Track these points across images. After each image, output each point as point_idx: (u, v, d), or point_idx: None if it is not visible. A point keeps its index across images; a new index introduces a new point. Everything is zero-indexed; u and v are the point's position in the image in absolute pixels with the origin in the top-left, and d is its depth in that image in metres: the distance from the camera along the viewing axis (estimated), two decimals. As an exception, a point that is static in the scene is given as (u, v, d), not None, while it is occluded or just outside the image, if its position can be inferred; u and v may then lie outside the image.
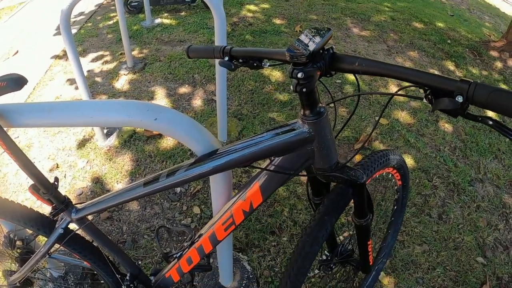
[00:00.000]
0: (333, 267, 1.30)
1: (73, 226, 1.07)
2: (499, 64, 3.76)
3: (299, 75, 0.72)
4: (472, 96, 0.57)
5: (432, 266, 1.90)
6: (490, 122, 0.59)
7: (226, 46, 0.94)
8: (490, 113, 2.69)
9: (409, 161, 2.44)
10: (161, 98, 2.84)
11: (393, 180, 1.38)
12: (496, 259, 1.97)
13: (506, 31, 4.14)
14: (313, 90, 0.77)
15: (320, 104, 0.82)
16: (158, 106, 0.85)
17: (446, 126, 2.79)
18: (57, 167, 2.28)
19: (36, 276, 1.57)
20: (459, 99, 0.59)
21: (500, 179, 2.43)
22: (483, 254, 1.99)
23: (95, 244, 1.23)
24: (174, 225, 1.99)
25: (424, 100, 0.66)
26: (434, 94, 0.64)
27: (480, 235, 2.08)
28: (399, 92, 0.77)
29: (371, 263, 1.30)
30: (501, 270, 1.92)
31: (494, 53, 3.92)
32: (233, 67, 0.92)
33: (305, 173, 0.97)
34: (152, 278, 1.32)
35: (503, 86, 3.04)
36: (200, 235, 1.06)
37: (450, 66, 3.60)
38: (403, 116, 2.82)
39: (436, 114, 2.88)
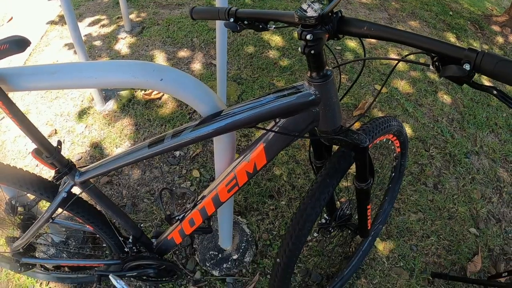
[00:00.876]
0: (332, 230, 1.33)
1: (76, 190, 1.08)
2: (500, 39, 3.73)
3: (308, 36, 0.72)
4: (480, 65, 0.57)
5: (426, 234, 1.95)
6: (495, 92, 0.60)
7: (231, 7, 0.92)
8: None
9: (407, 130, 2.46)
10: (160, 62, 2.81)
11: (393, 147, 1.40)
12: (489, 231, 2.02)
13: (508, 6, 4.08)
14: (320, 52, 0.77)
15: (327, 67, 0.81)
16: (164, 66, 0.85)
17: (445, 97, 2.80)
18: (56, 132, 2.27)
19: (38, 242, 1.60)
20: (467, 67, 0.59)
21: (496, 153, 2.45)
22: (476, 226, 2.03)
23: (97, 207, 1.24)
24: (175, 188, 2.01)
25: (431, 67, 0.66)
26: (441, 61, 0.64)
27: (474, 206, 2.12)
28: (406, 58, 0.76)
29: (369, 228, 1.33)
30: (493, 242, 1.97)
31: (495, 28, 3.88)
32: (238, 28, 0.91)
33: (309, 136, 0.98)
34: (154, 240, 1.35)
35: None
36: (203, 197, 1.07)
37: (451, 38, 3.56)
38: (402, 85, 2.82)
39: (435, 85, 2.87)
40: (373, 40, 3.23)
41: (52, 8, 3.53)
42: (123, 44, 2.97)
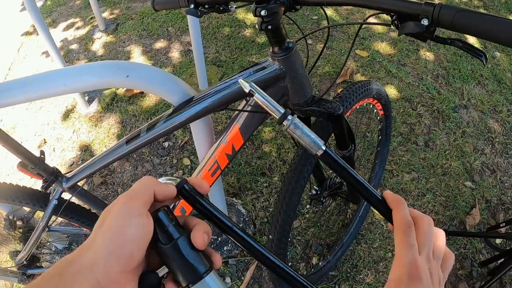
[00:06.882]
0: (324, 200, 1.34)
1: (66, 196, 1.09)
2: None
3: (262, 12, 0.71)
4: (438, 18, 0.56)
5: (422, 193, 1.96)
6: (460, 44, 0.58)
7: (190, -7, 0.91)
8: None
9: (392, 91, 2.46)
10: (138, 56, 2.79)
11: (375, 110, 1.40)
12: (484, 183, 2.03)
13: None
14: (278, 26, 0.76)
15: (288, 40, 0.81)
16: (129, 63, 0.85)
17: (428, 54, 2.78)
18: (45, 142, 2.27)
19: (41, 252, 1.61)
20: (425, 22, 0.57)
21: (484, 105, 2.45)
22: (471, 179, 2.05)
23: (91, 209, 1.25)
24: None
25: (392, 26, 0.66)
26: (400, 19, 0.62)
27: (467, 160, 2.12)
28: (367, 20, 0.76)
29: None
30: (490, 193, 1.99)
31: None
32: (199, 14, 0.90)
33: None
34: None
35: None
36: (189, 185, 1.08)
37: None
38: (383, 47, 2.80)
39: (417, 43, 2.86)
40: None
41: (25, 18, 3.48)
42: (99, 44, 2.94)
